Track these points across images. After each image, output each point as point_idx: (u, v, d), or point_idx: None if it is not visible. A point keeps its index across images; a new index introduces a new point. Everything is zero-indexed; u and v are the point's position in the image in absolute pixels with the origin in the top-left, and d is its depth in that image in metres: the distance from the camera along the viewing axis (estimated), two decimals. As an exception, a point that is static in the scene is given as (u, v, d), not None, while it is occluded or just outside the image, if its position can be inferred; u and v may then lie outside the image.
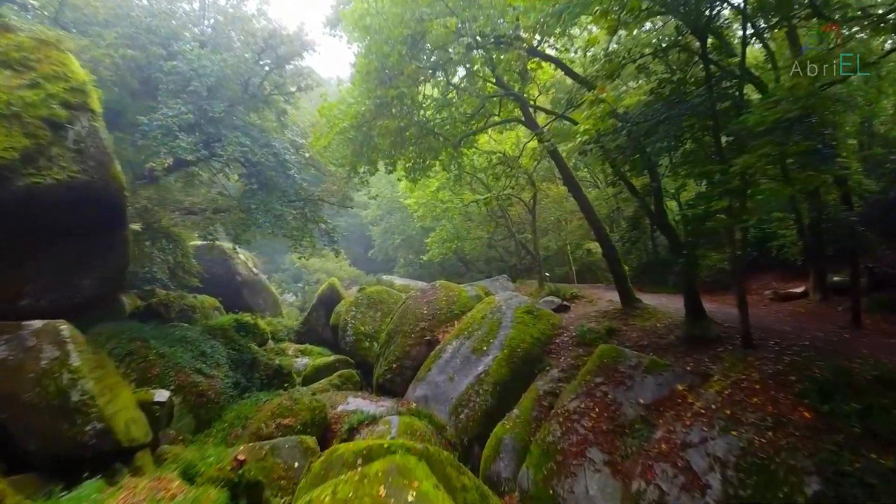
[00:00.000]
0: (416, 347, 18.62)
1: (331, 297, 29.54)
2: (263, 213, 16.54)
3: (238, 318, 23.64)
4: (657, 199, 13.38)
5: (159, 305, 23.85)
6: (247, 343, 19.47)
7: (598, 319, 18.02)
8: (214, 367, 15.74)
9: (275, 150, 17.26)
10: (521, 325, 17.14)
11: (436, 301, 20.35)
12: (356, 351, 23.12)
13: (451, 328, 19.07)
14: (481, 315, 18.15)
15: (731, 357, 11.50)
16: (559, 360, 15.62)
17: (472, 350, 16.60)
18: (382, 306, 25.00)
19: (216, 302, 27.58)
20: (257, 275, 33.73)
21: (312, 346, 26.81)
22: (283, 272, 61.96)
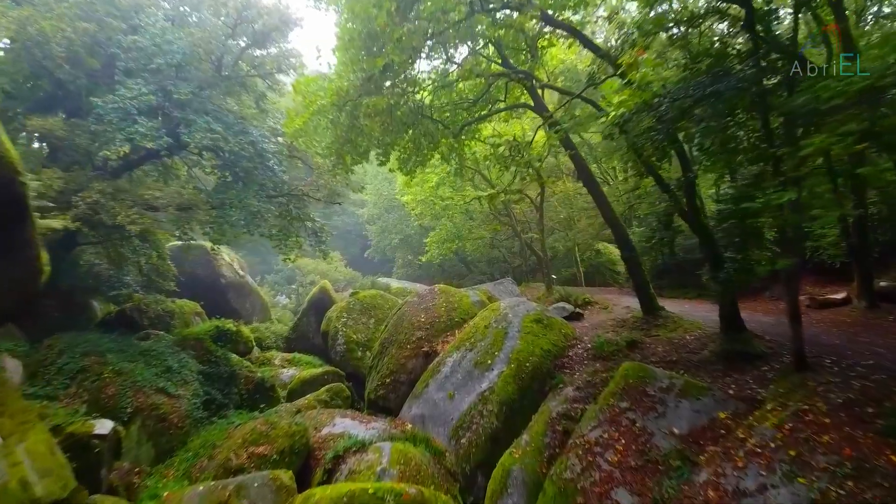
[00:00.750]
0: (413, 360, 17.03)
1: (322, 302, 27.93)
2: (238, 210, 14.86)
3: (219, 325, 22.15)
4: (690, 193, 11.73)
5: (133, 311, 22.36)
6: (224, 354, 17.88)
7: (615, 329, 16.43)
8: (181, 384, 14.11)
9: (252, 138, 15.57)
10: (529, 335, 15.54)
11: (434, 308, 18.75)
12: (347, 361, 21.54)
13: (451, 338, 17.48)
14: (485, 324, 16.55)
15: (785, 381, 9.87)
16: (574, 376, 14.02)
17: (475, 364, 15.01)
18: (376, 312, 23.41)
19: (197, 307, 25.97)
20: (244, 276, 32.09)
21: (302, 355, 25.20)
22: (276, 273, 60.41)
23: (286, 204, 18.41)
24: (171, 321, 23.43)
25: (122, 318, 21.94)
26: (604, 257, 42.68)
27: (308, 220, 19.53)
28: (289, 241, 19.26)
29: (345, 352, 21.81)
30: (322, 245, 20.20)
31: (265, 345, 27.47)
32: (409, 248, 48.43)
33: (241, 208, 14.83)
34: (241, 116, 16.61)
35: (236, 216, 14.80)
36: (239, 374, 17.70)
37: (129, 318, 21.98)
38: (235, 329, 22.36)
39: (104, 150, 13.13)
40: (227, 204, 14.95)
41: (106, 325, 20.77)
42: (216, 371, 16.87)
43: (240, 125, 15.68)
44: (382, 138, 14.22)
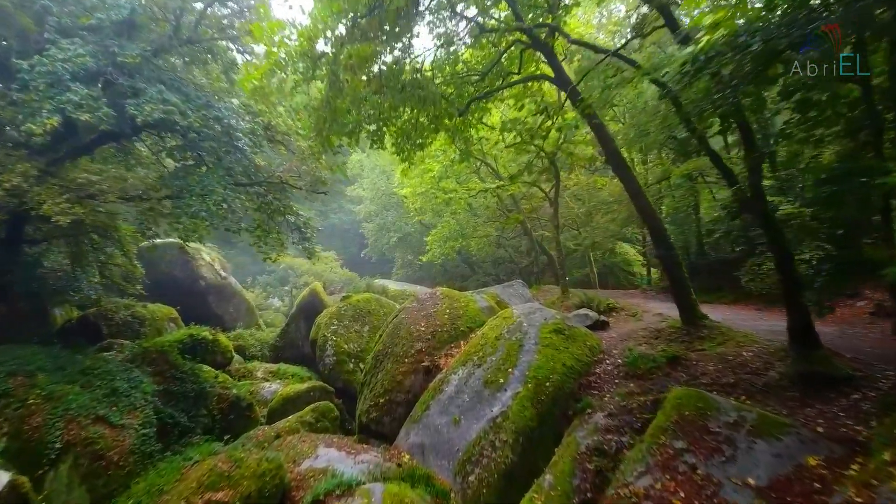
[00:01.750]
0: (411, 376, 14.93)
1: (313, 306, 25.85)
2: (199, 199, 12.69)
3: (192, 333, 20.15)
4: (757, 177, 9.56)
5: (98, 318, 20.37)
6: (193, 368, 15.80)
7: (649, 341, 14.30)
8: (127, 411, 11.95)
9: (217, 113, 13.40)
10: (549, 348, 13.45)
11: (436, 314, 16.64)
12: (337, 375, 19.46)
13: (455, 351, 15.40)
14: (496, 334, 14.47)
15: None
16: (603, 398, 11.94)
17: (485, 383, 12.93)
18: (371, 319, 21.33)
19: (173, 312, 23.94)
20: (226, 278, 29.96)
21: (288, 366, 23.14)
22: (268, 274, 58.47)
23: (264, 194, 16.27)
24: (140, 328, 21.44)
25: (84, 326, 20.03)
26: (618, 257, 40.62)
27: (290, 214, 17.36)
28: (269, 239, 17.16)
29: (334, 364, 19.71)
30: (306, 242, 18.04)
31: (249, 354, 25.46)
32: (408, 248, 46.40)
33: (202, 196, 12.67)
34: (208, 90, 14.46)
35: (197, 206, 12.62)
36: (210, 391, 15.63)
37: (91, 326, 20.05)
38: (211, 337, 20.32)
39: (28, 123, 11.00)
40: (187, 191, 12.80)
41: (65, 335, 18.85)
42: (181, 390, 14.79)
43: (203, 98, 13.50)
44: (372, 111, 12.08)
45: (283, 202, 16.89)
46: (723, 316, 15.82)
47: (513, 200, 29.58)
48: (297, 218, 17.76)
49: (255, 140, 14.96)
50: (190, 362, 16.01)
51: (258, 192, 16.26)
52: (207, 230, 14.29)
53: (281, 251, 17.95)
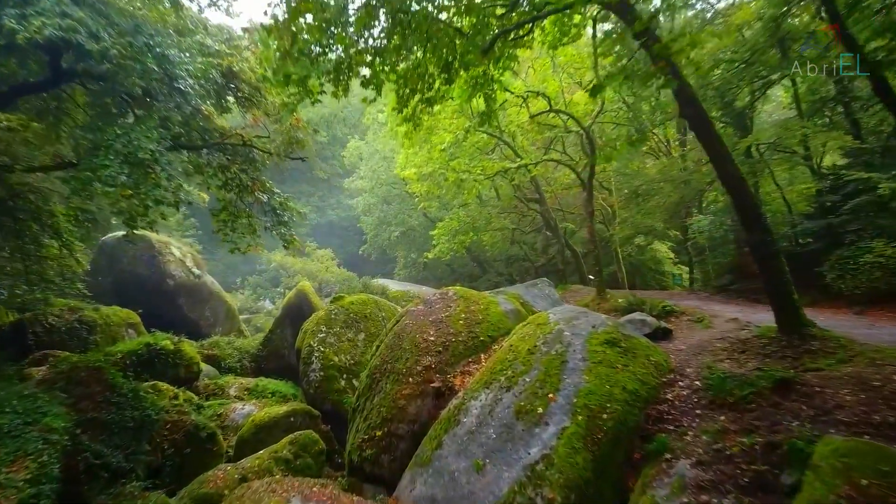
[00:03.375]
0: (417, 401, 11.88)
1: (300, 309, 22.90)
2: (117, 160, 9.57)
3: (150, 343, 17.37)
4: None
5: (35, 323, 17.45)
6: (134, 390, 12.72)
7: (733, 355, 11.22)
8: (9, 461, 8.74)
9: (148, 40, 10.22)
10: (602, 366, 10.46)
11: (449, 320, 13.58)
12: (325, 395, 16.47)
13: (474, 367, 12.38)
14: (528, 346, 11.44)
15: None
16: (684, 438, 8.97)
17: (518, 413, 9.94)
18: (367, 325, 18.31)
19: (132, 316, 20.98)
20: (200, 276, 26.90)
21: (269, 381, 20.16)
22: (259, 274, 55.84)
23: (227, 164, 13.20)
24: (89, 336, 18.54)
25: (16, 333, 17.15)
26: (646, 255, 37.64)
27: (263, 191, 14.25)
28: (237, 224, 14.15)
29: (321, 381, 16.67)
30: (283, 228, 14.89)
31: (225, 366, 22.49)
32: (411, 245, 43.43)
33: (123, 156, 9.59)
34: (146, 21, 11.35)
35: (113, 169, 9.57)
36: (157, 419, 12.56)
37: (24, 334, 17.16)
38: (173, 347, 17.31)
39: None
40: (103, 148, 9.72)
41: None
42: (116, 418, 11.75)
43: (131, 23, 10.39)
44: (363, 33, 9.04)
45: (251, 175, 13.81)
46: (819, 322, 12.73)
47: (534, 186, 26.50)
48: (273, 197, 14.66)
49: (211, 89, 11.87)
50: (129, 382, 12.95)
51: (221, 163, 13.21)
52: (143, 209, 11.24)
53: (254, 240, 14.94)
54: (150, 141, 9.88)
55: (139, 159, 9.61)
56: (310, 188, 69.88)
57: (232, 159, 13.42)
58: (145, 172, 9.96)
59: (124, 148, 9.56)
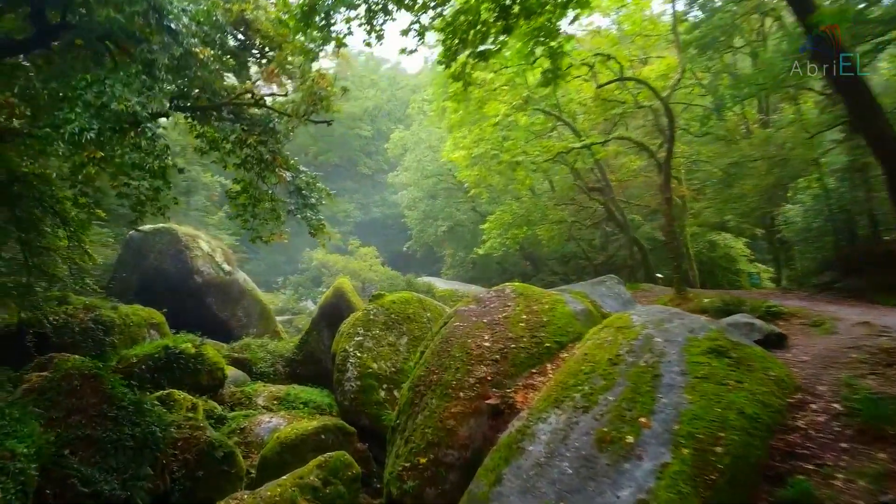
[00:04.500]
0: (469, 421, 9.94)
1: (338, 309, 21.26)
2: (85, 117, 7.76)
3: (168, 346, 16.02)
4: None
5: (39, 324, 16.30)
6: (136, 402, 11.20)
7: (878, 369, 8.92)
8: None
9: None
10: (707, 382, 8.36)
11: (507, 322, 11.59)
12: (361, 408, 14.70)
13: (540, 380, 10.41)
14: (608, 354, 9.39)
15: None
16: (831, 482, 6.91)
17: (600, 441, 7.99)
18: (410, 327, 16.49)
19: (155, 315, 19.69)
20: (231, 273, 25.53)
21: (303, 388, 18.58)
22: (301, 273, 55.01)
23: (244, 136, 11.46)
24: (105, 338, 17.21)
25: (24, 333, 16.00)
26: (718, 252, 34.82)
27: (284, 166, 12.45)
28: (258, 210, 12.51)
29: (357, 391, 14.88)
30: (310, 211, 13.08)
31: (257, 371, 21.02)
32: (459, 241, 41.56)
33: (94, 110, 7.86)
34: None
35: (80, 123, 7.84)
36: (163, 436, 10.97)
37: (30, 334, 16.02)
38: (194, 351, 15.83)
39: None
40: (67, 100, 8.02)
41: None
42: (112, 436, 10.22)
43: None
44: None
45: (271, 147, 12.04)
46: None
47: (599, 173, 24.23)
48: (298, 176, 12.88)
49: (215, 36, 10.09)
50: (132, 393, 11.42)
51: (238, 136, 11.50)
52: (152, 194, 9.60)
53: (278, 227, 13.29)
54: (131, 91, 8.20)
55: (114, 112, 7.93)
56: (353, 185, 68.95)
57: (249, 129, 11.75)
58: (121, 129, 8.28)
59: (96, 99, 7.92)
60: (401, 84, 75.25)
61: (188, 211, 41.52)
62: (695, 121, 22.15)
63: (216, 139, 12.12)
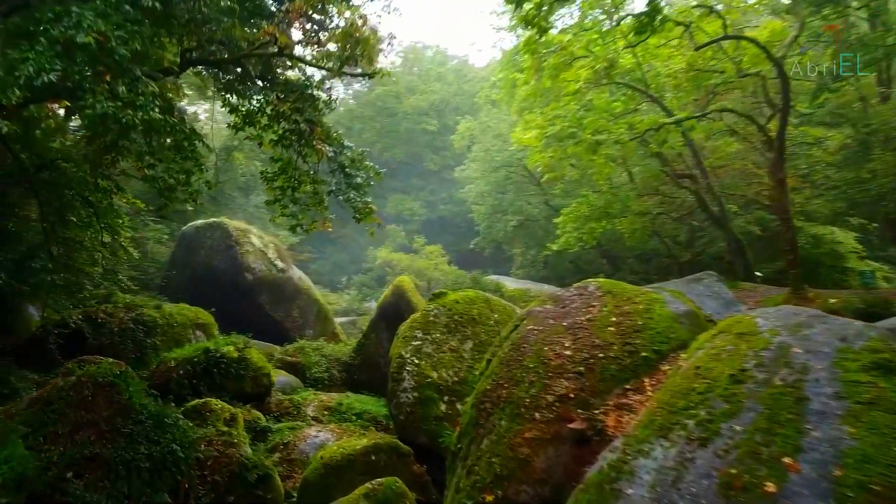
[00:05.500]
0: (548, 449, 8.13)
1: (398, 309, 19.83)
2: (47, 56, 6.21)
3: (210, 349, 14.88)
4: None
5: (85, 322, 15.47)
6: (157, 415, 9.92)
7: None
8: None
9: None
10: (875, 409, 6.27)
11: (592, 324, 9.66)
12: (419, 423, 13.07)
13: (635, 398, 8.51)
14: (728, 369, 7.39)
15: None
16: None
17: (725, 487, 6.15)
18: (476, 330, 14.76)
19: (202, 315, 18.81)
20: (285, 271, 24.43)
21: (357, 397, 17.21)
22: (365, 273, 54.40)
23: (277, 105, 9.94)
24: (146, 338, 16.26)
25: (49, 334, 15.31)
26: (824, 247, 31.46)
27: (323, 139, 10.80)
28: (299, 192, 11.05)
29: (415, 404, 13.21)
30: (353, 192, 11.45)
31: (311, 376, 19.81)
32: (530, 238, 39.57)
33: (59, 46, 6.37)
34: None
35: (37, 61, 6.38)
36: (186, 456, 9.60)
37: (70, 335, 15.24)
38: (237, 355, 14.61)
39: None
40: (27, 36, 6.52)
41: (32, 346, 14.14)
42: (125, 456, 8.92)
43: None
44: None
45: (308, 116, 10.48)
46: None
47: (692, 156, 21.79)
48: (342, 151, 11.29)
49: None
50: (154, 403, 10.18)
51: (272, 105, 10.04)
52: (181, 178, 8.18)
53: (321, 214, 11.80)
54: (107, 23, 6.73)
55: (82, 46, 6.49)
56: (419, 182, 67.97)
57: (284, 97, 10.29)
58: (92, 66, 6.79)
59: (62, 34, 6.51)
60: (468, 77, 73.68)
61: (246, 207, 41.25)
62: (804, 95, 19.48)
63: (251, 112, 10.76)
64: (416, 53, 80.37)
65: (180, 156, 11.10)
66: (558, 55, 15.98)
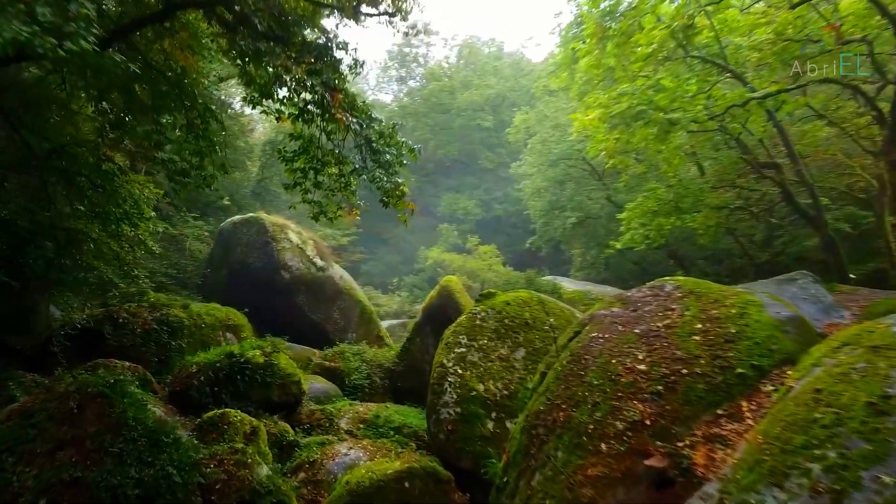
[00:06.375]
0: (616, 490, 6.49)
1: (444, 311, 18.38)
2: None
3: (234, 353, 13.71)
4: None
5: (105, 322, 14.57)
6: (152, 431, 8.66)
7: None
8: None
9: None
10: None
11: (671, 332, 7.91)
12: (461, 444, 11.45)
13: (730, 427, 6.76)
14: (865, 395, 5.60)
15: None
16: None
17: None
18: (529, 335, 13.07)
19: (234, 316, 17.81)
20: (325, 269, 23.13)
21: (396, 409, 15.83)
22: (416, 274, 53.39)
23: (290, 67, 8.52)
24: (171, 341, 15.30)
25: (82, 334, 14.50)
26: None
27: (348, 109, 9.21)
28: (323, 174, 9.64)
29: (457, 420, 11.57)
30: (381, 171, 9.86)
31: (350, 383, 18.53)
32: (591, 237, 37.46)
33: None
34: None
35: None
36: (182, 481, 8.29)
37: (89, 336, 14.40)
38: (263, 361, 13.39)
39: None
40: None
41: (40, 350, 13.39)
42: (109, 481, 7.66)
43: None
44: None
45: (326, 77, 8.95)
46: None
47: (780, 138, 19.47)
48: (368, 123, 9.72)
49: None
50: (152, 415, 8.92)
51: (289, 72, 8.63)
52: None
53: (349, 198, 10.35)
54: None
55: None
56: (474, 180, 66.40)
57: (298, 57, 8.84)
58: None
59: None
60: (525, 71, 71.60)
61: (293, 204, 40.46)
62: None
63: (266, 83, 9.45)
64: (470, 48, 78.89)
65: (192, 135, 9.94)
66: (626, 18, 14.20)
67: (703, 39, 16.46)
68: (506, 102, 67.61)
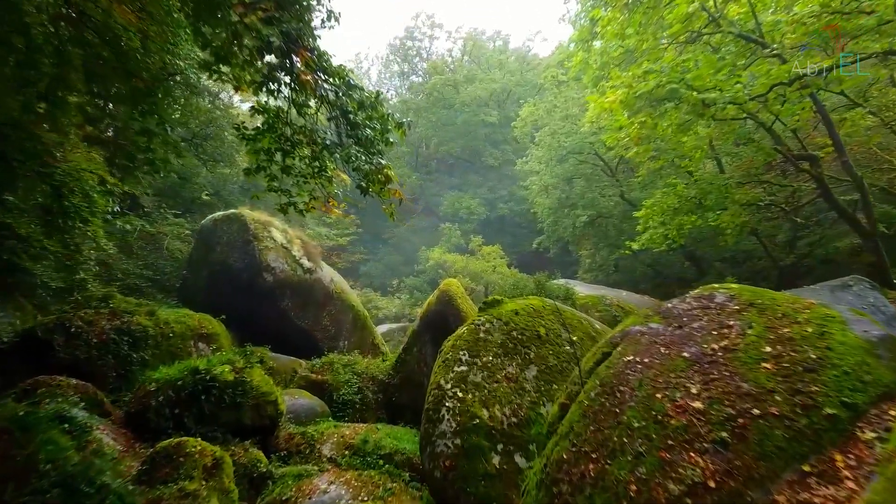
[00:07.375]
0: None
1: (444, 318, 16.72)
2: None
3: (199, 368, 12.03)
4: None
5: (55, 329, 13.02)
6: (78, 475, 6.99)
7: None
8: None
9: None
10: None
11: (731, 357, 6.22)
12: (461, 483, 9.62)
13: (824, 494, 4.98)
14: None
15: None
16: None
17: None
18: (543, 352, 11.32)
19: (207, 323, 16.17)
20: (312, 271, 21.37)
21: (388, 431, 14.17)
22: (417, 276, 51.97)
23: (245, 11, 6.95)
24: (132, 353, 13.65)
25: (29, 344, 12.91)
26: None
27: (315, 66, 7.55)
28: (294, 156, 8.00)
29: (455, 454, 9.80)
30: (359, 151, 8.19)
31: (339, 398, 16.88)
32: (602, 238, 35.78)
33: None
34: None
35: None
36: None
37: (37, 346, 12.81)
38: (232, 378, 11.74)
39: None
40: None
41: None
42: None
43: None
44: None
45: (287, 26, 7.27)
46: None
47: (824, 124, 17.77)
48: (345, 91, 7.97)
49: None
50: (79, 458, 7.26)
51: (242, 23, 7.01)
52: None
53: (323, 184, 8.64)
54: None
55: None
56: (478, 178, 64.84)
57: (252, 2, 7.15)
58: None
59: None
60: (532, 65, 69.91)
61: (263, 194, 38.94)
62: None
63: (223, 42, 7.79)
64: (475, 42, 77.36)
65: (137, 111, 8.31)
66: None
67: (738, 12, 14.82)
68: (511, 97, 65.96)
